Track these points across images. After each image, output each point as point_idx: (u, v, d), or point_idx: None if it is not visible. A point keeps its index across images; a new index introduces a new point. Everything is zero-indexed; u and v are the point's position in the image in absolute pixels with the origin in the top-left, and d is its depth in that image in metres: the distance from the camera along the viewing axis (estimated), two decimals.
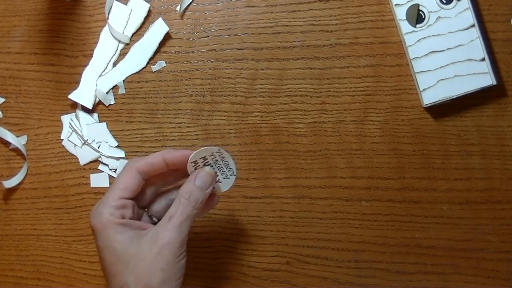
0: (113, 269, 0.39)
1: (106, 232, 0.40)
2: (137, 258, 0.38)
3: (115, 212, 0.40)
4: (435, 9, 0.48)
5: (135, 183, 0.41)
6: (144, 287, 0.38)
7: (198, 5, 0.54)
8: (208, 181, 0.41)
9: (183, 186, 0.41)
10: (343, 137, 0.51)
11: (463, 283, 0.49)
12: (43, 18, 0.57)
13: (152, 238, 0.39)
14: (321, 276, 0.51)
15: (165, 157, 0.42)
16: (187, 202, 0.40)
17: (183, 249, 0.39)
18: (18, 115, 0.57)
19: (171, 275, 0.38)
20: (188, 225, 0.40)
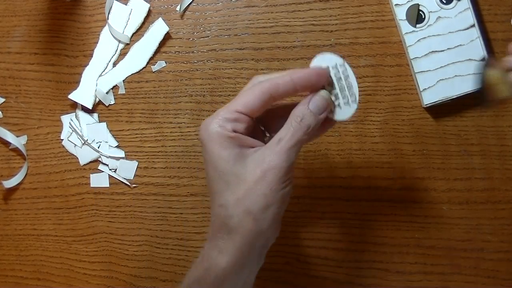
0: (214, 186, 0.37)
1: (211, 145, 0.37)
2: (239, 179, 0.36)
3: (225, 124, 0.37)
4: (435, 9, 0.48)
5: (256, 102, 0.37)
6: (243, 211, 0.36)
7: (198, 5, 0.54)
8: (323, 106, 0.37)
9: (296, 108, 0.37)
10: (343, 137, 0.51)
11: (463, 283, 0.49)
12: (43, 18, 0.57)
13: (258, 160, 0.36)
14: (321, 276, 0.51)
15: (293, 77, 0.37)
16: (298, 126, 0.36)
17: (289, 176, 0.36)
18: (18, 115, 0.57)
19: (273, 202, 0.36)
20: (297, 150, 0.36)
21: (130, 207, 0.55)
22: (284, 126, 0.37)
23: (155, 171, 0.54)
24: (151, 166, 0.54)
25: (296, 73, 0.37)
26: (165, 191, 0.54)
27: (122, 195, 0.55)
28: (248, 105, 0.37)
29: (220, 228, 0.37)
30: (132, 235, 0.55)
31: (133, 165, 0.54)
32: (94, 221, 0.55)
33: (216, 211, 0.37)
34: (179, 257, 0.54)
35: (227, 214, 0.36)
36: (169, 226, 0.54)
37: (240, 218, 0.36)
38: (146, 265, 0.54)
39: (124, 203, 0.55)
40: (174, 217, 0.54)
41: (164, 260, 0.54)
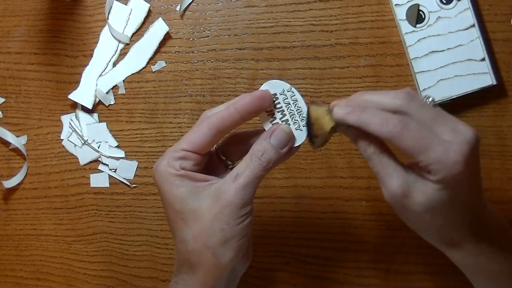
0: (173, 225, 0.38)
1: (164, 186, 0.37)
2: (196, 216, 0.36)
3: (173, 162, 0.37)
4: (435, 9, 0.48)
5: (202, 139, 0.37)
6: (202, 246, 0.36)
7: (198, 5, 0.54)
8: (285, 140, 0.37)
9: (257, 143, 0.37)
10: (343, 137, 0.51)
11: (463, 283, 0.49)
12: (43, 18, 0.57)
13: (214, 196, 0.36)
14: (321, 276, 0.51)
15: (237, 107, 0.37)
16: (258, 162, 0.36)
17: (246, 210, 0.36)
18: (18, 115, 0.57)
19: (232, 236, 0.36)
20: (255, 185, 0.36)
21: (130, 207, 0.55)
22: (243, 160, 0.37)
23: None
24: (151, 166, 0.54)
25: (239, 102, 0.37)
26: None
27: (122, 195, 0.55)
28: (194, 143, 0.37)
29: (183, 264, 0.38)
30: (132, 235, 0.55)
31: (133, 165, 0.55)
32: (94, 221, 0.55)
33: (178, 247, 0.38)
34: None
35: (188, 250, 0.37)
36: (169, 226, 0.54)
37: (200, 254, 0.36)
38: (146, 265, 0.54)
39: (124, 203, 0.55)
40: None
41: (164, 260, 0.54)
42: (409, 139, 0.34)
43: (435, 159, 0.33)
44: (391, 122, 0.34)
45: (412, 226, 0.38)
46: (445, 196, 0.34)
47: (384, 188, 0.36)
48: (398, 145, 0.34)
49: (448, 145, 0.33)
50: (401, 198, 0.35)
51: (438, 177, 0.33)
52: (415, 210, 0.35)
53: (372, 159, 0.36)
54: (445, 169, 0.33)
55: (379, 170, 0.36)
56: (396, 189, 0.35)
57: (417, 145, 0.33)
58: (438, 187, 0.34)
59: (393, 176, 0.35)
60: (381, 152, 0.36)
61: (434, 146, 0.33)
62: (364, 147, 0.36)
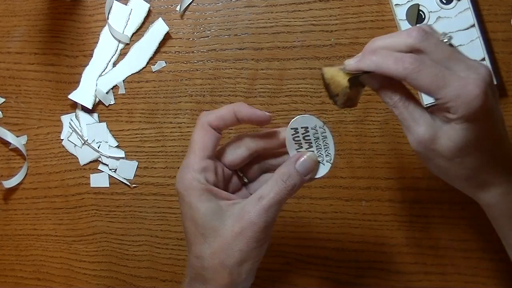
0: (192, 238, 0.37)
1: (189, 198, 0.37)
2: (217, 233, 0.36)
3: (198, 176, 0.37)
4: (435, 9, 0.48)
5: (212, 139, 0.38)
6: (219, 264, 0.36)
7: (198, 5, 0.54)
8: (310, 168, 0.38)
9: (282, 166, 0.37)
10: (343, 137, 0.51)
11: (463, 283, 0.49)
12: (43, 18, 0.57)
13: (236, 216, 0.36)
14: (321, 276, 0.51)
15: (235, 112, 0.38)
16: (284, 185, 0.36)
17: (267, 233, 0.36)
18: (18, 115, 0.57)
19: (249, 258, 0.36)
20: (278, 209, 0.36)
21: (130, 207, 0.55)
22: (268, 183, 0.37)
23: (155, 171, 0.54)
24: (151, 166, 0.54)
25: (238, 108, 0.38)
26: (165, 191, 0.54)
27: (122, 195, 0.55)
28: (208, 147, 0.38)
29: (195, 278, 0.38)
30: (132, 235, 0.55)
31: (133, 165, 0.54)
32: (94, 221, 0.55)
33: (193, 261, 0.38)
34: (179, 257, 0.54)
35: (203, 266, 0.37)
36: (169, 226, 0.54)
37: (216, 271, 0.36)
38: (146, 265, 0.54)
39: (124, 203, 0.55)
40: (174, 217, 0.54)
41: (164, 260, 0.54)
42: (426, 76, 0.33)
43: (453, 95, 0.33)
44: (407, 60, 0.34)
45: (441, 174, 0.37)
46: (470, 134, 0.34)
47: (411, 135, 0.35)
48: (414, 83, 0.34)
49: (465, 80, 0.33)
50: (430, 144, 0.35)
51: (459, 114, 0.33)
52: (444, 155, 0.35)
53: (398, 106, 0.35)
54: (465, 105, 0.33)
55: (406, 117, 0.35)
56: (423, 135, 0.34)
57: (434, 83, 0.33)
58: (461, 126, 0.33)
59: (420, 122, 0.35)
60: (407, 99, 0.35)
61: (452, 82, 0.33)
62: (389, 95, 0.36)
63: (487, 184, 0.36)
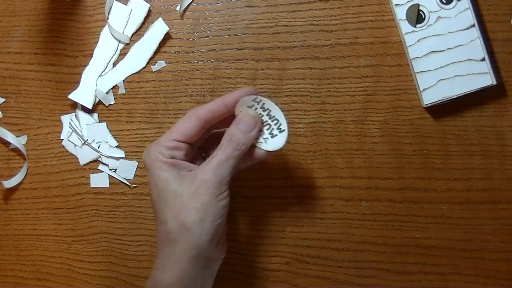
0: (156, 205, 0.41)
1: (152, 169, 0.41)
2: (176, 196, 0.39)
3: (164, 151, 0.41)
4: (435, 9, 0.48)
5: (192, 129, 0.42)
6: (180, 224, 0.39)
7: (198, 5, 0.54)
8: (251, 124, 0.41)
9: (228, 129, 0.41)
10: (343, 137, 0.51)
11: (463, 283, 0.49)
12: (43, 18, 0.57)
13: (191, 178, 0.40)
14: (321, 276, 0.51)
15: (224, 102, 0.42)
16: (228, 144, 0.40)
17: (221, 190, 0.40)
18: (18, 115, 0.57)
19: (207, 215, 0.39)
20: (228, 166, 0.40)
21: (130, 207, 0.55)
22: (218, 146, 0.41)
23: None
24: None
25: (227, 96, 0.42)
26: None
27: (122, 195, 0.55)
28: (185, 133, 0.42)
29: (162, 244, 0.40)
30: (132, 235, 0.55)
31: (133, 165, 0.55)
32: (94, 221, 0.55)
33: (159, 228, 0.41)
34: None
35: (167, 229, 0.39)
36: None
37: (178, 231, 0.39)
38: (146, 265, 0.54)
39: (124, 203, 0.55)
40: None
41: None
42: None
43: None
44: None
45: None
46: None
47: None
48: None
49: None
50: None
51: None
52: None
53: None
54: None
55: None
56: None
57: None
58: None
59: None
60: None
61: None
62: None
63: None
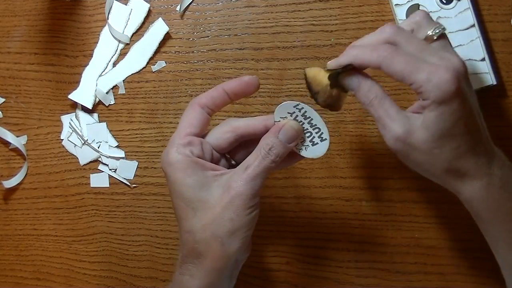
0: (181, 214, 0.38)
1: (174, 175, 0.38)
2: (206, 205, 0.37)
3: (182, 149, 0.38)
4: (435, 9, 0.48)
5: (198, 118, 0.40)
6: (210, 236, 0.37)
7: (198, 5, 0.54)
8: (293, 136, 0.39)
9: (265, 137, 0.39)
10: (343, 137, 0.51)
11: (463, 283, 0.49)
12: (43, 18, 0.57)
13: (224, 186, 0.37)
14: (321, 276, 0.51)
15: (224, 88, 0.40)
16: (267, 155, 0.38)
17: (255, 201, 0.38)
18: (18, 115, 0.57)
19: (240, 227, 0.37)
20: (263, 178, 0.38)
21: (130, 207, 0.55)
22: (253, 153, 0.38)
23: (155, 171, 0.54)
24: (151, 166, 0.54)
25: (227, 83, 0.40)
26: (165, 191, 0.54)
27: (122, 195, 0.55)
28: (194, 124, 0.39)
29: (189, 254, 0.38)
30: (132, 235, 0.55)
31: (133, 165, 0.55)
32: (94, 221, 0.55)
33: (184, 237, 0.38)
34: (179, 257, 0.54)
35: (195, 240, 0.37)
36: (169, 226, 0.54)
37: (208, 243, 0.37)
38: (146, 265, 0.54)
39: (124, 203, 0.55)
40: (174, 217, 0.53)
41: (164, 260, 0.54)
42: (399, 63, 0.35)
43: (424, 79, 0.34)
44: (381, 48, 0.35)
45: (421, 170, 0.38)
46: (444, 120, 0.34)
47: (387, 133, 0.36)
48: (388, 70, 0.35)
49: (436, 66, 0.34)
50: (406, 139, 0.35)
51: (431, 98, 0.34)
52: (421, 147, 0.35)
53: (373, 104, 0.37)
54: (436, 88, 0.34)
55: (381, 115, 0.36)
56: (399, 130, 0.35)
57: (407, 68, 0.34)
58: (435, 113, 0.34)
59: (395, 119, 0.36)
60: (382, 98, 0.36)
61: (423, 68, 0.34)
62: (365, 93, 0.37)
63: (467, 176, 0.36)
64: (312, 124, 0.40)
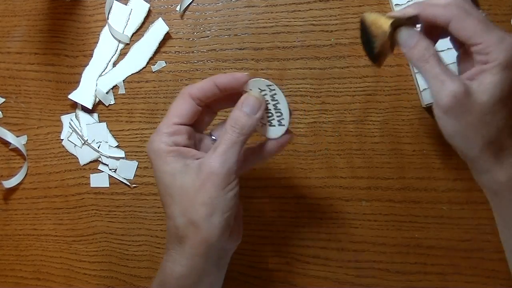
0: (164, 200, 0.39)
1: (156, 162, 0.38)
2: (182, 191, 0.37)
3: (167, 139, 0.38)
4: None
5: (188, 109, 0.39)
6: (188, 220, 0.37)
7: (198, 5, 0.54)
8: (256, 106, 0.38)
9: (231, 112, 0.38)
10: (343, 137, 0.51)
11: (463, 283, 0.49)
12: (43, 18, 0.57)
13: (196, 169, 0.37)
14: (321, 276, 0.51)
15: (215, 81, 0.39)
16: (232, 129, 0.37)
17: (229, 180, 0.37)
18: (18, 115, 0.57)
19: (216, 209, 0.36)
20: (234, 152, 0.37)
21: (130, 207, 0.55)
22: (222, 132, 0.38)
23: None
24: (151, 166, 0.54)
25: (217, 77, 0.39)
26: None
27: (122, 195, 0.55)
28: (182, 114, 0.39)
29: (171, 239, 0.38)
30: (132, 235, 0.55)
31: (133, 165, 0.55)
32: (94, 221, 0.55)
33: (168, 224, 0.39)
34: None
35: (175, 225, 0.38)
36: None
37: (186, 228, 0.37)
38: (146, 265, 0.54)
39: (124, 203, 0.55)
40: None
41: None
42: (471, 21, 0.35)
43: (496, 40, 0.34)
44: (454, 6, 0.36)
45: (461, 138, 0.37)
46: (506, 85, 0.34)
47: (445, 89, 0.35)
48: (459, 26, 0.35)
49: (504, 33, 0.35)
50: (463, 98, 0.35)
51: (500, 60, 0.34)
52: (476, 110, 0.35)
53: (431, 61, 0.36)
54: (506, 51, 0.34)
55: (439, 72, 0.36)
56: (459, 88, 0.35)
57: (479, 27, 0.35)
58: (499, 76, 0.34)
59: (453, 77, 0.35)
60: (439, 57, 0.36)
61: (493, 31, 0.35)
62: (423, 50, 0.36)
63: (505, 152, 0.36)
64: (277, 107, 0.39)
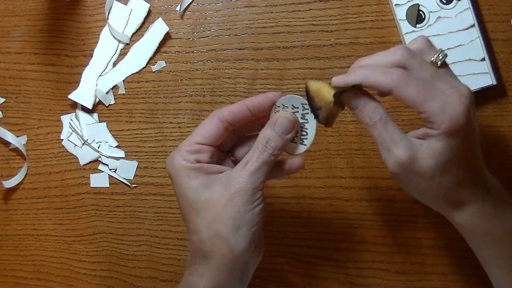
0: (187, 216, 0.39)
1: (178, 178, 0.38)
2: (208, 205, 0.37)
3: (188, 156, 0.38)
4: (435, 9, 0.48)
5: (213, 130, 0.39)
6: (214, 235, 0.37)
7: (198, 5, 0.54)
8: (289, 127, 0.38)
9: (262, 131, 0.38)
10: (343, 137, 0.51)
11: (463, 283, 0.49)
12: (43, 18, 0.57)
13: (224, 184, 0.37)
14: (321, 276, 0.51)
15: (247, 104, 0.39)
16: (264, 148, 0.37)
17: (257, 196, 0.37)
18: (18, 115, 0.57)
19: (243, 223, 0.37)
20: (264, 172, 0.37)
21: (130, 207, 0.55)
22: (251, 149, 0.38)
23: (155, 171, 0.54)
24: (151, 166, 0.54)
25: (250, 99, 0.39)
26: (165, 191, 0.54)
27: (122, 195, 0.55)
28: (207, 136, 0.39)
29: (196, 254, 0.38)
30: (132, 235, 0.55)
31: (133, 165, 0.55)
32: (94, 221, 0.55)
33: (191, 238, 0.39)
34: (179, 257, 0.54)
35: (201, 240, 0.37)
36: (169, 226, 0.54)
37: (213, 242, 0.37)
38: (146, 265, 0.54)
39: (124, 203, 0.55)
40: (174, 217, 0.54)
41: (164, 260, 0.54)
42: (412, 89, 0.34)
43: (439, 109, 0.34)
44: (395, 72, 0.35)
45: (418, 195, 0.38)
46: (451, 151, 0.34)
47: (390, 157, 0.35)
48: (401, 95, 0.34)
49: (450, 97, 0.34)
50: (409, 165, 0.35)
51: (442, 129, 0.34)
52: (424, 175, 0.35)
53: (377, 127, 0.36)
54: (449, 120, 0.33)
55: (385, 138, 0.36)
56: (403, 156, 0.35)
57: (421, 95, 0.34)
58: (443, 143, 0.34)
59: (399, 143, 0.35)
60: (386, 120, 0.36)
61: (437, 96, 0.34)
62: (370, 115, 0.36)
63: (463, 203, 0.37)
64: (304, 126, 0.39)
